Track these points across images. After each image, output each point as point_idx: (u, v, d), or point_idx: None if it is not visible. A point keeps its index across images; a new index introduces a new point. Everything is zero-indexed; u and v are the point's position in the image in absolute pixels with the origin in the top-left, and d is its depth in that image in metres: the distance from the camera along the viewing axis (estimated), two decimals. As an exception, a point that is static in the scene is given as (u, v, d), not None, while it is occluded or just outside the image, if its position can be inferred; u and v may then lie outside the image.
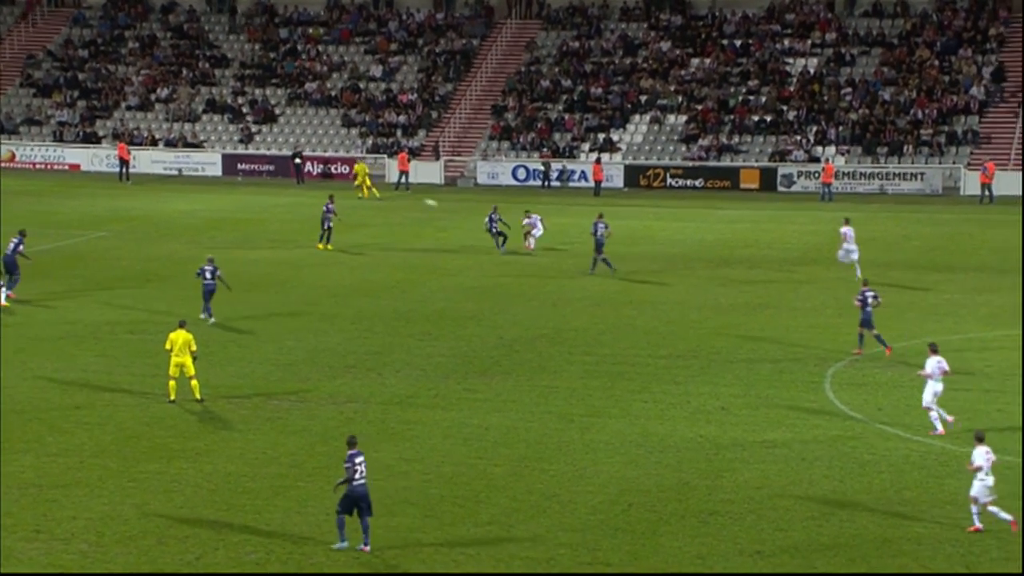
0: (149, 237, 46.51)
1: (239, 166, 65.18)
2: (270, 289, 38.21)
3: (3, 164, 64.91)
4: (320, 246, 43.81)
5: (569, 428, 25.49)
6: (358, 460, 19.82)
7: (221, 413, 26.11)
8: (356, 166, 59.61)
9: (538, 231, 44.24)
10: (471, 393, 27.75)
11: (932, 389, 24.98)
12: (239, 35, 73.18)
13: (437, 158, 64.68)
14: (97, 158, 65.24)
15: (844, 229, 40.13)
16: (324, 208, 44.35)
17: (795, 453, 24.02)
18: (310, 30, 72.82)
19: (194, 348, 26.57)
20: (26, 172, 63.73)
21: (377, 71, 70.26)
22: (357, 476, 19.75)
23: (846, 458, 23.74)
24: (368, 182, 57.54)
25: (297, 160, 63.36)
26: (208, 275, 33.69)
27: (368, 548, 19.70)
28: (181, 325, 26.97)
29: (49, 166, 65.46)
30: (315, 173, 64.18)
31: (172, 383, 26.55)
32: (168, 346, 26.56)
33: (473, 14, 73.01)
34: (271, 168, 64.47)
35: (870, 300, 30.11)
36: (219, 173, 64.88)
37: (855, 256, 39.70)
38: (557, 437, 24.94)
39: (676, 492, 22.11)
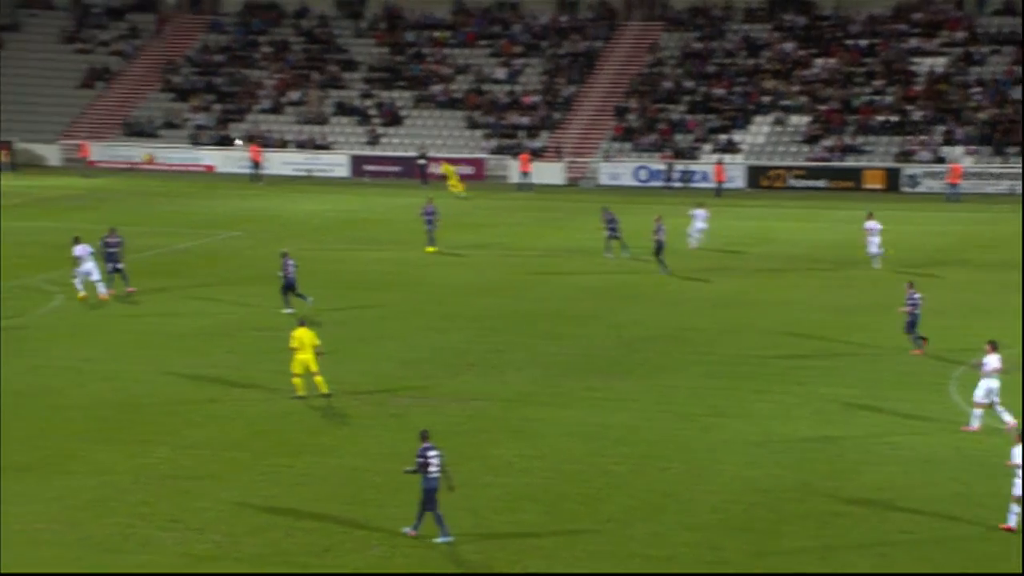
0: (279, 236, 47.21)
1: (366, 167, 65.90)
2: (395, 288, 38.57)
3: (143, 166, 66.48)
4: (431, 248, 43.97)
5: (690, 427, 25.32)
6: (431, 453, 19.91)
7: (346, 409, 26.43)
8: (443, 167, 60.24)
9: (698, 227, 43.95)
10: (591, 392, 27.70)
11: (986, 386, 24.73)
12: (368, 39, 74.00)
13: (559, 159, 64.72)
14: (231, 160, 66.48)
15: (869, 224, 40.58)
16: (424, 210, 44.53)
17: (919, 455, 23.58)
18: (436, 34, 73.37)
19: (317, 343, 26.88)
20: (164, 174, 65.20)
21: (501, 73, 70.54)
22: (431, 469, 19.84)
23: (970, 461, 23.24)
24: (455, 180, 58.04)
25: (422, 161, 63.87)
26: (290, 269, 34.09)
27: (415, 533, 19.80)
28: (301, 323, 27.26)
29: (186, 168, 66.87)
30: (440, 174, 64.64)
31: (298, 380, 26.86)
32: (296, 344, 26.90)
33: (596, 17, 72.94)
34: (397, 169, 65.08)
35: (918, 303, 30.19)
36: (347, 174, 65.68)
37: (874, 250, 40.53)
38: (677, 436, 24.79)
39: (798, 492, 21.83)
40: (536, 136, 67.00)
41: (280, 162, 66.15)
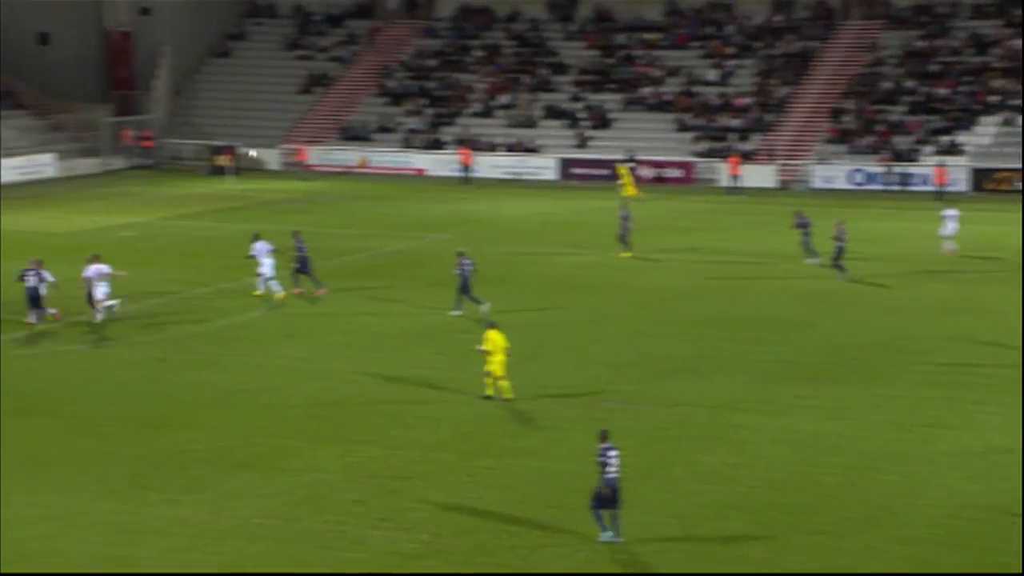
0: (487, 239, 47.79)
1: (574, 170, 66.16)
2: (601, 292, 38.62)
3: (357, 169, 68.15)
4: (627, 254, 43.82)
5: (906, 438, 24.67)
6: (611, 454, 19.84)
7: (552, 412, 26.58)
8: (618, 167, 60.20)
9: (950, 230, 43.06)
10: (801, 399, 27.24)
11: None
12: (578, 42, 74.32)
13: (771, 162, 63.82)
14: (441, 163, 67.60)
15: (948, 211, 41.42)
16: (621, 215, 44.39)
17: None
18: (647, 35, 73.19)
19: (507, 346, 27.03)
20: (376, 177, 66.69)
21: (713, 75, 69.94)
22: (610, 469, 19.79)
23: None
24: (629, 181, 57.88)
25: (630, 164, 63.77)
26: (466, 269, 34.43)
27: (619, 539, 19.76)
28: (492, 325, 27.51)
29: (397, 171, 68.28)
30: (648, 177, 64.45)
31: (490, 380, 27.14)
32: (490, 347, 27.11)
33: (812, 16, 71.66)
34: (605, 172, 65.14)
35: None
36: (555, 177, 66.05)
37: (949, 242, 41.00)
38: (893, 447, 24.18)
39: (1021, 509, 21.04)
40: (747, 139, 66.20)
41: (489, 165, 66.92)
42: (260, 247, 36.80)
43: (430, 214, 54.26)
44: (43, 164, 64.65)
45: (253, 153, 42.96)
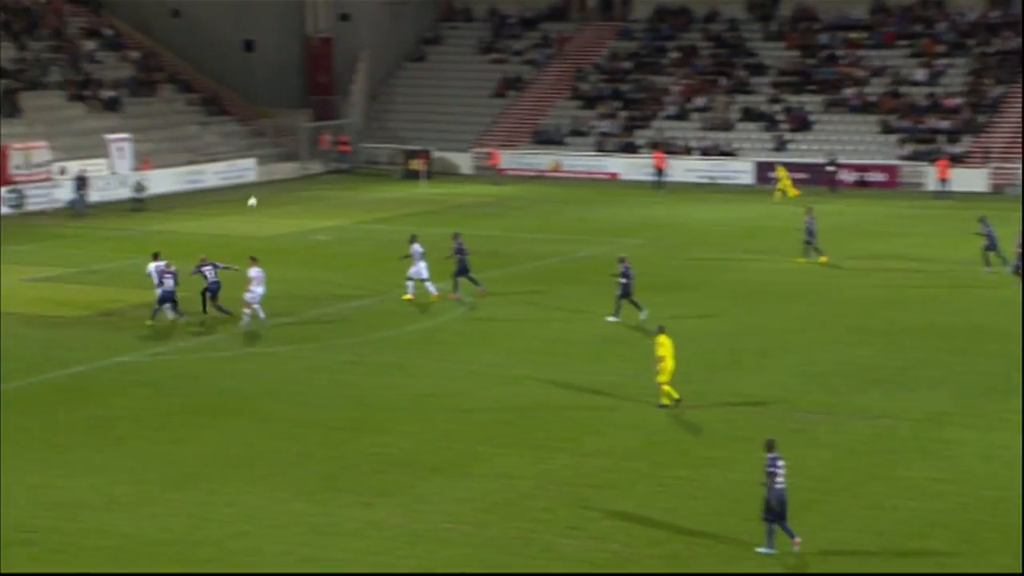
0: (679, 245, 47.56)
1: (771, 175, 65.31)
2: (798, 299, 38.06)
3: (549, 173, 68.53)
4: (822, 259, 43.01)
5: (1124, 458, 23.66)
6: (779, 464, 19.50)
7: (747, 422, 26.30)
8: (778, 170, 58.84)
9: None
10: (1014, 414, 26.36)
11: None
12: (778, 42, 73.38)
13: (983, 165, 61.90)
14: (635, 167, 67.51)
15: None
16: (806, 220, 43.58)
17: None
18: (852, 35, 71.82)
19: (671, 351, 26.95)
20: (568, 181, 66.94)
21: (921, 75, 68.22)
22: (778, 480, 19.43)
23: None
24: (787, 184, 56.39)
25: (831, 168, 62.69)
26: (627, 274, 34.34)
27: (799, 540, 19.51)
28: (661, 330, 27.34)
29: (590, 175, 68.43)
30: (849, 181, 63.22)
31: (667, 388, 27.10)
32: (664, 352, 26.97)
33: (1030, 11, 69.37)
34: (804, 176, 64.12)
35: None
36: (751, 181, 65.30)
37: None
38: (1110, 467, 23.23)
39: None
40: (957, 141, 64.35)
41: (683, 169, 66.54)
42: (416, 249, 37.41)
43: (622, 219, 54.22)
44: (244, 169, 66.78)
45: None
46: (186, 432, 25.91)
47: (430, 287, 37.21)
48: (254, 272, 34.51)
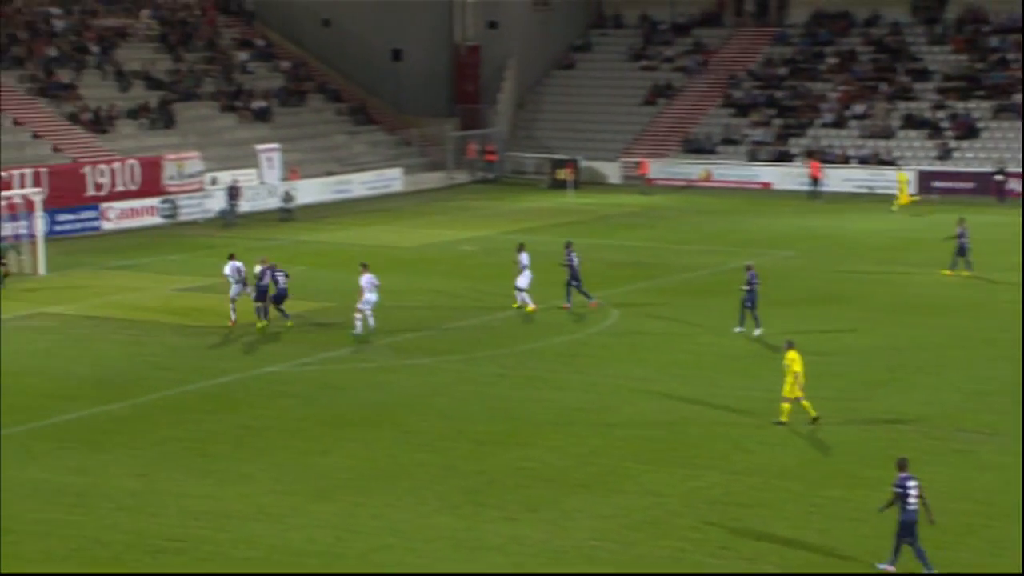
0: (834, 256, 46.82)
1: (934, 183, 63.94)
2: (960, 313, 37.18)
3: (699, 183, 68.08)
4: (946, 272, 41.91)
5: None
6: (910, 484, 19.01)
7: (907, 442, 25.72)
8: (899, 175, 58.13)
9: None
10: None
11: None
12: (943, 45, 71.83)
13: None
14: (789, 176, 66.69)
15: None
16: (958, 232, 42.48)
17: None
18: None
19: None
20: (720, 191, 66.42)
21: (1093, 79, 66.22)
22: (910, 500, 18.90)
23: None
24: (903, 189, 54.86)
25: (1000, 177, 61.12)
26: (752, 283, 33.89)
27: (893, 568, 19.23)
28: (791, 346, 26.99)
29: (742, 184, 67.80)
30: (1018, 191, 61.57)
31: (805, 404, 26.71)
32: (798, 367, 26.59)
33: None
34: (970, 186, 62.64)
35: None
36: (913, 191, 63.95)
37: None
38: None
39: None
40: None
41: (840, 178, 65.53)
42: (524, 258, 37.68)
43: (775, 230, 53.59)
44: (391, 179, 67.63)
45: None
46: (331, 443, 26.28)
47: (526, 298, 37.57)
48: (365, 280, 34.99)
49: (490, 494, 23.39)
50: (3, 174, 51.39)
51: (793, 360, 26.79)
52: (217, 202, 57.80)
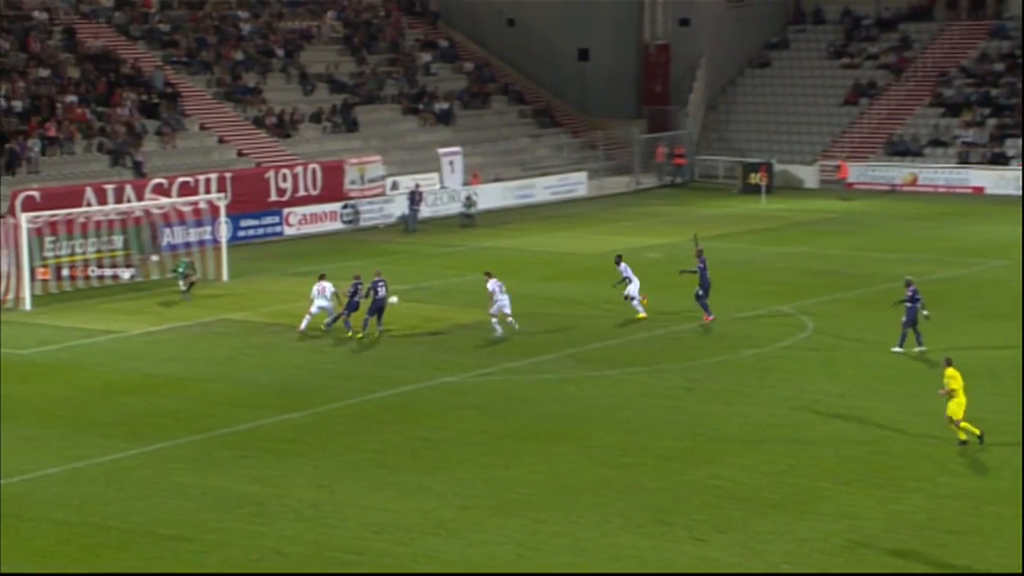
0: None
1: None
2: None
3: (903, 187, 66.62)
4: None
5: None
6: None
7: None
8: None
9: None
10: None
11: None
12: None
13: None
14: (1004, 180, 64.77)
15: None
16: None
17: None
18: None
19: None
20: (926, 196, 64.91)
21: None
22: None
23: None
24: None
25: None
26: (913, 298, 33.04)
27: None
28: (949, 363, 26.52)
29: (951, 189, 66.13)
30: None
31: (964, 424, 26.22)
32: (955, 385, 26.11)
33: None
34: None
35: None
36: None
37: None
38: None
39: None
40: None
41: (1058, 183, 63.45)
42: (625, 268, 38.10)
43: (987, 237, 52.15)
44: (575, 183, 67.78)
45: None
46: (512, 457, 26.45)
47: (637, 306, 37.89)
48: (492, 285, 36.10)
49: (677, 513, 23.26)
50: (189, 179, 52.99)
51: (952, 377, 26.22)
52: (398, 207, 58.67)
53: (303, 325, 36.97)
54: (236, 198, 52.97)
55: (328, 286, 37.46)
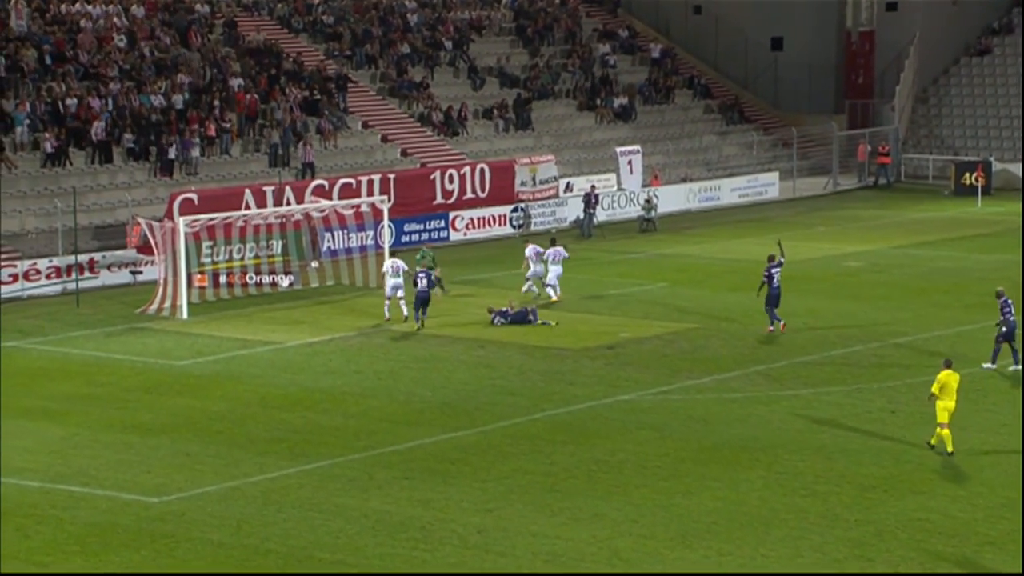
0: None
1: None
2: None
3: None
4: None
5: None
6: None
7: None
8: None
9: None
10: None
11: None
12: None
13: None
14: None
15: None
16: None
17: None
18: None
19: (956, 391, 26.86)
20: None
21: None
22: None
23: None
24: None
25: None
26: (1009, 315, 32.76)
27: None
28: (947, 365, 27.20)
29: None
30: None
31: (944, 432, 26.93)
32: (936, 388, 26.87)
33: None
34: None
35: None
36: None
37: None
38: None
39: None
40: None
41: None
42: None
43: None
44: (766, 184, 67.33)
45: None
46: (694, 483, 26.39)
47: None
48: (551, 252, 42.76)
49: (879, 548, 22.97)
50: (351, 180, 53.81)
51: (937, 382, 27.26)
52: (572, 210, 58.90)
53: (387, 313, 39.87)
54: (399, 201, 53.66)
55: (401, 264, 39.86)
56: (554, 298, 42.71)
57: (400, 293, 40.15)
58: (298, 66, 62.58)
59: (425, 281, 39.16)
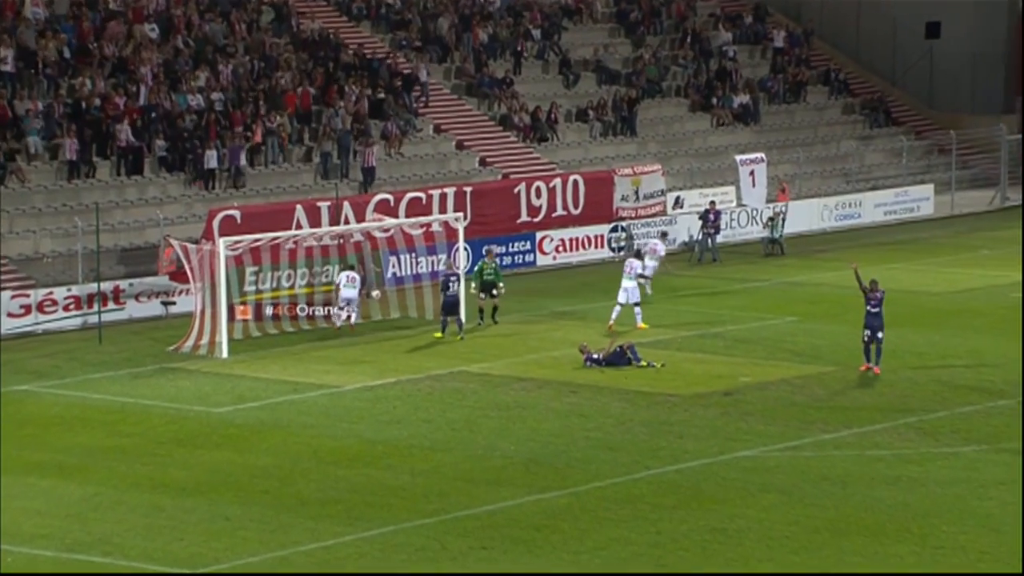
0: None
1: None
2: None
3: None
4: None
5: None
6: None
7: None
8: None
9: None
10: None
11: None
12: None
13: None
14: None
15: None
16: None
17: None
18: None
19: None
20: None
21: None
22: None
23: None
24: None
25: None
26: None
27: None
28: None
29: None
30: None
31: None
32: None
33: None
34: None
35: None
36: None
37: None
38: None
39: None
40: None
41: None
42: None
43: None
44: (918, 199, 66.79)
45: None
46: (832, 557, 26.24)
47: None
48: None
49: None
50: (420, 195, 53.82)
51: None
52: (683, 230, 58.73)
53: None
54: (477, 219, 53.75)
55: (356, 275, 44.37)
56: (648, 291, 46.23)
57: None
58: (359, 59, 62.91)
59: (454, 286, 42.25)
